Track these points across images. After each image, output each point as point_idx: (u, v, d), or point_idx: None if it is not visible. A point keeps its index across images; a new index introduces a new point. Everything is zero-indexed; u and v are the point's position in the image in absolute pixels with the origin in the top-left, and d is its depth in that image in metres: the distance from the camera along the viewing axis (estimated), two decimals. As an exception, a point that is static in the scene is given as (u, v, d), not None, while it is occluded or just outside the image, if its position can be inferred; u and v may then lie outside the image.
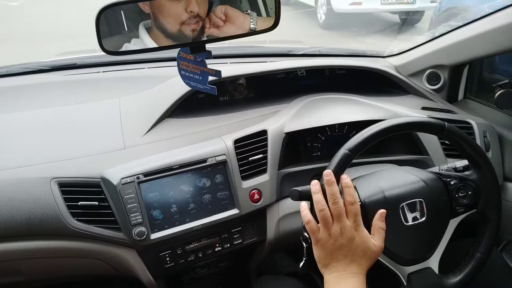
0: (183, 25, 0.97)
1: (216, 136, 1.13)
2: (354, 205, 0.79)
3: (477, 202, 0.93)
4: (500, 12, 1.23)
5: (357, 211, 0.80)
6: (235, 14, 0.99)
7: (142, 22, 1.00)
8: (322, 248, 0.79)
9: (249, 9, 1.02)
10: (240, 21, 0.99)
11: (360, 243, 0.78)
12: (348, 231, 0.78)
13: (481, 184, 0.93)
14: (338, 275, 0.77)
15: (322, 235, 0.79)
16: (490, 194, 0.94)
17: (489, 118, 1.34)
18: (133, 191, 0.99)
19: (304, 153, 1.26)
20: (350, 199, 0.80)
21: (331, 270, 0.78)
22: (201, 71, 1.00)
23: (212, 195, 1.07)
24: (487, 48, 1.30)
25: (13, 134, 1.13)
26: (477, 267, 0.93)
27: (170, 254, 1.07)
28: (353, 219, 0.79)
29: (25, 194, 0.99)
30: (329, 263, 0.79)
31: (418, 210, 0.89)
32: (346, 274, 0.77)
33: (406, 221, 0.88)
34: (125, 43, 0.97)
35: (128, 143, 1.11)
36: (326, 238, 0.79)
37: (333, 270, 0.78)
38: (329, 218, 0.79)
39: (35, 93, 1.35)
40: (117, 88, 1.36)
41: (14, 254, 1.01)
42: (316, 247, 0.81)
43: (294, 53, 1.64)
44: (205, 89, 1.01)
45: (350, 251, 0.78)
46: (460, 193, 0.93)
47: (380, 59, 1.63)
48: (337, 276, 0.77)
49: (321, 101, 1.27)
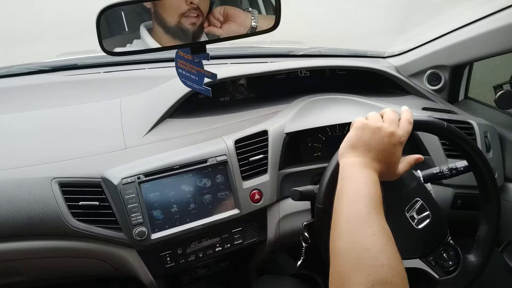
0: (183, 17, 0.96)
1: (217, 137, 1.13)
2: (409, 124, 0.80)
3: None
4: (501, 12, 1.23)
5: (409, 130, 0.79)
6: (235, 12, 0.99)
7: (143, 23, 1.00)
8: (362, 130, 0.77)
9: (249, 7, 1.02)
10: (241, 19, 0.99)
11: (394, 151, 0.77)
12: (393, 136, 0.76)
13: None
14: (362, 161, 0.74)
15: (371, 119, 0.79)
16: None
17: (490, 119, 1.34)
18: (133, 191, 0.99)
19: (304, 154, 1.26)
20: (409, 117, 0.80)
21: (355, 154, 0.75)
22: (197, 71, 1.01)
23: (213, 195, 1.07)
24: (488, 49, 1.30)
25: (14, 134, 1.14)
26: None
27: (170, 254, 1.07)
28: (402, 133, 0.78)
29: (26, 194, 0.99)
30: (358, 147, 0.76)
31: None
32: (369, 165, 0.74)
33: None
34: (127, 44, 0.97)
35: (129, 143, 1.11)
36: (373, 121, 0.78)
37: (356, 155, 0.75)
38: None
39: (36, 94, 1.35)
40: (118, 89, 1.36)
41: (14, 254, 1.01)
42: (355, 127, 0.79)
43: (295, 53, 1.64)
44: (200, 90, 1.01)
45: (383, 151, 0.75)
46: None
47: (381, 59, 1.63)
48: (357, 161, 0.74)
49: (322, 102, 1.27)
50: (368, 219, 0.64)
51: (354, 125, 0.80)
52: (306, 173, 1.17)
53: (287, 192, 1.14)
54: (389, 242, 0.61)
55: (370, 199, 0.67)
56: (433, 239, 0.92)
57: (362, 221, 0.64)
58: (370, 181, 0.70)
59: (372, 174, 0.72)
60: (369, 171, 0.73)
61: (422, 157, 0.84)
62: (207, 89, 1.01)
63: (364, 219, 0.64)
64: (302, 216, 1.14)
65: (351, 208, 0.66)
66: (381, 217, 0.65)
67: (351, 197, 0.68)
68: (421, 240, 0.92)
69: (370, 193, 0.68)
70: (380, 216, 0.65)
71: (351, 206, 0.67)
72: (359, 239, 0.61)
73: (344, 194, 0.70)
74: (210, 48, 0.99)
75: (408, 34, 1.94)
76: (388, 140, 0.76)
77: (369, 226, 0.62)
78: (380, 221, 0.64)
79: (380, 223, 0.63)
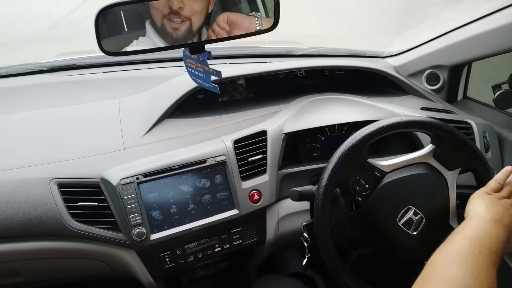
0: (165, 20, 0.95)
1: (216, 137, 1.13)
2: None
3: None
4: (499, 12, 1.23)
5: None
6: (239, 19, 0.98)
7: (148, 20, 0.99)
8: (491, 200, 0.81)
9: (249, 9, 1.02)
10: (246, 26, 0.98)
11: None
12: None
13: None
14: (491, 219, 0.76)
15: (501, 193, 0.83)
16: None
17: (489, 119, 1.35)
18: (132, 192, 0.99)
19: (303, 154, 1.26)
20: None
21: (487, 215, 0.77)
22: (204, 70, 1.01)
23: (212, 196, 1.07)
24: (487, 49, 1.30)
25: (13, 134, 1.13)
26: None
27: (169, 254, 1.06)
28: None
29: (25, 195, 0.98)
30: (489, 213, 0.78)
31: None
32: (496, 226, 0.75)
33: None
34: (127, 44, 0.97)
35: (128, 144, 1.11)
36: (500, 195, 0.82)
37: (487, 218, 0.77)
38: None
39: (34, 94, 1.35)
40: (116, 89, 1.35)
41: (13, 255, 1.01)
42: (484, 195, 0.83)
43: (294, 53, 1.64)
44: (209, 87, 1.02)
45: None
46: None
47: (380, 59, 1.63)
48: (491, 220, 0.76)
49: (321, 102, 1.27)
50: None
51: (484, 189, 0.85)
52: (305, 173, 1.17)
53: (286, 192, 1.14)
54: None
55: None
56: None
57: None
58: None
59: (497, 233, 0.76)
60: (494, 230, 0.76)
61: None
62: (215, 86, 1.01)
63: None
64: (302, 216, 1.14)
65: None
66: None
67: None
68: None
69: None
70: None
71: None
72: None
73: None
74: (208, 48, 0.99)
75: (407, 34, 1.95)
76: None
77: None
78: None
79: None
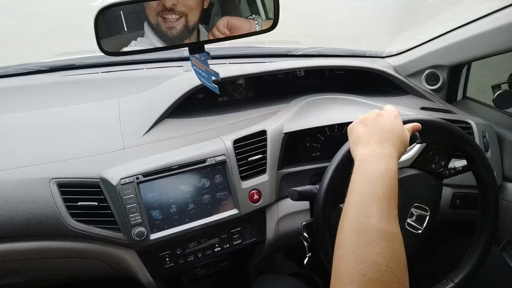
0: (159, 18, 0.95)
1: (216, 137, 1.13)
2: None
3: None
4: (499, 12, 1.23)
5: (397, 112, 0.81)
6: (239, 23, 0.98)
7: (146, 21, 0.99)
8: (362, 124, 0.79)
9: (248, 9, 1.02)
10: (246, 29, 0.98)
11: (397, 123, 0.78)
12: (387, 114, 0.79)
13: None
14: (371, 152, 0.72)
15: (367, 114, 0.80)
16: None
17: (488, 118, 1.35)
18: (132, 192, 0.99)
19: (303, 153, 1.26)
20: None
21: (365, 146, 0.74)
22: (205, 69, 1.01)
23: (212, 196, 1.07)
24: (486, 49, 1.30)
25: (12, 134, 1.13)
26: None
27: (169, 254, 1.06)
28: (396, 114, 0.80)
29: (24, 195, 0.98)
30: (363, 140, 0.76)
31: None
32: (381, 152, 0.72)
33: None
34: (126, 44, 0.97)
35: (127, 144, 1.11)
36: (369, 115, 0.80)
37: (367, 146, 0.74)
38: None
39: (33, 94, 1.35)
40: (116, 89, 1.36)
41: (13, 254, 1.01)
42: (355, 124, 0.80)
43: (293, 53, 1.64)
44: (210, 87, 1.02)
45: (386, 131, 0.76)
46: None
47: (379, 59, 1.63)
48: (371, 152, 0.72)
49: (320, 101, 1.28)
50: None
51: (355, 122, 0.81)
52: (305, 173, 1.17)
53: (286, 192, 1.14)
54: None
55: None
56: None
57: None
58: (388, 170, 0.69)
59: (387, 161, 0.70)
60: (384, 159, 0.71)
61: (419, 125, 0.84)
62: (215, 86, 1.01)
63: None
64: (301, 216, 1.14)
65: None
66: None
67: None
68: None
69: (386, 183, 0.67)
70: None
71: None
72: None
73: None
74: (208, 48, 0.99)
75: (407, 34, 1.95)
76: (386, 120, 0.78)
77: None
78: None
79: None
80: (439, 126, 0.90)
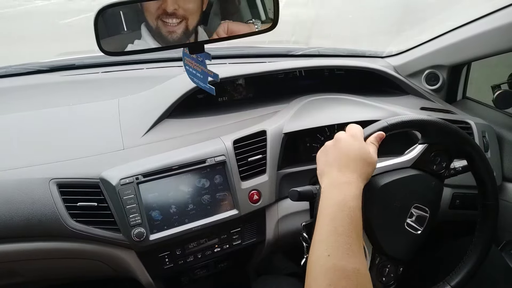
0: (159, 22, 0.95)
1: (215, 137, 1.13)
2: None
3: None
4: (499, 12, 1.23)
5: (358, 129, 0.80)
6: (239, 28, 0.98)
7: (143, 23, 0.99)
8: (324, 154, 0.78)
9: (249, 14, 1.02)
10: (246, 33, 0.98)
11: (355, 145, 0.76)
12: (345, 138, 0.78)
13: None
14: (330, 183, 0.73)
15: (328, 142, 0.79)
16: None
17: (488, 119, 1.35)
18: (132, 192, 0.99)
19: (303, 154, 1.26)
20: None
21: (326, 176, 0.74)
22: (202, 70, 1.01)
23: (211, 196, 1.07)
24: (486, 49, 1.30)
25: (12, 135, 1.13)
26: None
27: (169, 255, 1.06)
28: (353, 133, 0.79)
29: (24, 195, 0.98)
30: (324, 171, 0.76)
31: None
32: (339, 180, 0.72)
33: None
34: (126, 44, 0.97)
35: (127, 144, 1.11)
36: (328, 143, 0.79)
37: (328, 177, 0.74)
38: None
39: (33, 94, 1.34)
40: (116, 89, 1.35)
41: (12, 255, 1.01)
42: (318, 154, 0.80)
43: (293, 53, 1.64)
44: (205, 88, 1.02)
45: (345, 156, 0.75)
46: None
47: (379, 59, 1.63)
48: (330, 183, 0.73)
49: (320, 102, 1.27)
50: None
51: (321, 149, 0.80)
52: (305, 173, 1.17)
53: (286, 192, 1.14)
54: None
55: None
56: None
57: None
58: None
59: (346, 188, 0.71)
60: (342, 186, 0.72)
61: (383, 133, 0.82)
62: (211, 87, 1.01)
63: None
64: (301, 217, 1.14)
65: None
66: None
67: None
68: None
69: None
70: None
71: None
72: None
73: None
74: (208, 48, 0.99)
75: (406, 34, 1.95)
76: (344, 146, 0.76)
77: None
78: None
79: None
80: (439, 126, 0.89)
